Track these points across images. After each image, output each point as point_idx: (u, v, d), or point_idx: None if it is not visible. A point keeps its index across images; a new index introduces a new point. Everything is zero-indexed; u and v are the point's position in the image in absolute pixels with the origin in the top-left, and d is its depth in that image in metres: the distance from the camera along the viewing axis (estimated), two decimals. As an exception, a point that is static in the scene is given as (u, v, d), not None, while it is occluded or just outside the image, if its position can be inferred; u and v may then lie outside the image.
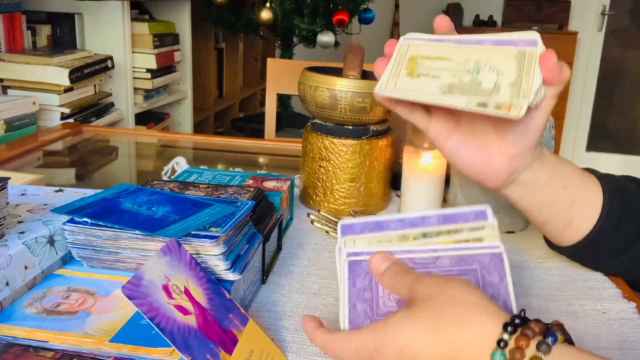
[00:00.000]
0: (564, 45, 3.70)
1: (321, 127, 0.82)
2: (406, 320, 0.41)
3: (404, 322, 0.41)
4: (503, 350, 0.37)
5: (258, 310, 0.58)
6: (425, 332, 0.40)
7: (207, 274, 0.49)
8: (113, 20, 1.87)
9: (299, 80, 0.81)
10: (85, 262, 0.55)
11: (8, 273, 0.48)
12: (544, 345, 0.36)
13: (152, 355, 0.42)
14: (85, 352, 0.43)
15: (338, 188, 0.81)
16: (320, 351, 0.48)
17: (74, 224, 0.53)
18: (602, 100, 4.08)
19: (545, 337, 0.37)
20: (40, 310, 0.47)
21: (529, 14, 3.86)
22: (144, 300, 0.41)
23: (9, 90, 1.64)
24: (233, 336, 0.45)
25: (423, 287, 0.43)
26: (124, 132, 1.58)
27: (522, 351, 0.36)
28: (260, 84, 3.39)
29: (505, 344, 0.37)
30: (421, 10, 4.07)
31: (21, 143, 1.14)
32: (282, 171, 1.04)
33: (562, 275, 0.67)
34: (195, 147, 1.34)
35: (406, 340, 0.40)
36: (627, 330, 0.57)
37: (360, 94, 0.76)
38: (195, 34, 2.42)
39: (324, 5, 2.35)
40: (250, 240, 0.58)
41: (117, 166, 1.20)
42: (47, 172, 1.07)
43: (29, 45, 1.79)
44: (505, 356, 0.37)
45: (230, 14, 2.46)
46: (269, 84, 1.56)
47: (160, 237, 0.51)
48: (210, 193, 0.63)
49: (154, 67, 2.04)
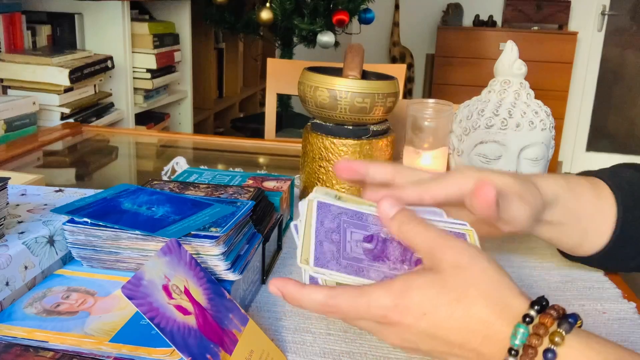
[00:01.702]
0: (564, 45, 3.71)
1: (321, 127, 0.82)
2: (434, 285, 0.40)
3: (430, 287, 0.40)
4: (528, 325, 0.38)
5: (258, 310, 0.58)
6: (453, 303, 0.39)
7: (207, 274, 0.49)
8: (113, 20, 1.87)
9: (299, 80, 0.81)
10: (85, 262, 0.55)
11: (8, 273, 0.48)
12: (566, 324, 0.37)
13: (152, 355, 0.42)
14: (85, 352, 0.43)
15: (338, 188, 0.81)
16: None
17: (74, 224, 0.53)
18: (602, 100, 4.09)
19: (568, 317, 0.38)
20: (40, 310, 0.47)
21: (528, 14, 3.86)
22: (144, 300, 0.41)
23: (9, 90, 1.64)
24: (233, 336, 0.45)
25: (453, 253, 0.42)
26: (124, 132, 1.58)
27: (545, 328, 0.38)
28: (260, 84, 3.39)
29: (531, 320, 0.38)
30: (421, 10, 4.07)
31: (21, 143, 1.14)
32: (282, 171, 1.04)
33: (562, 275, 0.67)
34: (195, 147, 1.34)
35: (430, 306, 0.40)
36: (627, 330, 0.57)
37: (360, 94, 0.76)
38: (195, 34, 2.42)
39: (324, 5, 2.35)
40: (250, 240, 0.58)
41: (117, 166, 1.20)
42: (47, 172, 1.07)
43: (29, 45, 1.79)
44: (529, 330, 0.38)
45: (230, 14, 2.46)
46: (269, 84, 1.56)
47: (160, 237, 0.51)
48: (210, 193, 0.63)
49: (154, 67, 2.04)
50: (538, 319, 0.38)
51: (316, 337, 0.54)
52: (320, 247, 0.45)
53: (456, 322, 0.39)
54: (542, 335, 0.37)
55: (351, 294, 0.41)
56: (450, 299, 0.40)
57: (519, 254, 0.73)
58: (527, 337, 0.38)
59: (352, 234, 0.47)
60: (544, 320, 0.38)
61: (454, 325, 0.39)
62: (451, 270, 0.41)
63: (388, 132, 0.84)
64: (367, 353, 0.52)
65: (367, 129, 0.80)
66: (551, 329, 0.38)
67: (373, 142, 0.80)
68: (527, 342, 0.37)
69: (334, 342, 0.53)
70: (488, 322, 0.39)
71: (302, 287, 0.42)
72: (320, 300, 0.42)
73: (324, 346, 0.52)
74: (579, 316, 0.39)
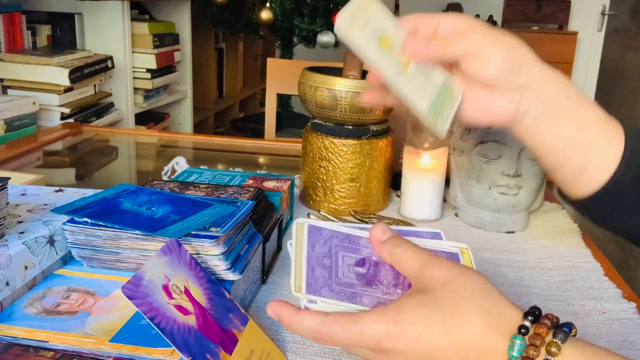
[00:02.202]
0: (564, 45, 3.71)
1: (321, 127, 0.82)
2: (425, 304, 0.40)
3: (422, 306, 0.40)
4: (523, 337, 0.38)
5: (258, 310, 0.58)
6: (447, 318, 0.39)
7: (207, 274, 0.49)
8: (113, 20, 1.87)
9: (299, 80, 0.81)
10: (85, 262, 0.55)
11: (8, 273, 0.48)
12: (562, 334, 0.37)
13: (152, 355, 0.42)
14: (85, 352, 0.43)
15: (338, 188, 0.81)
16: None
17: (74, 224, 0.53)
18: (602, 100, 4.08)
19: (562, 327, 0.38)
20: (40, 310, 0.47)
21: (528, 14, 3.86)
22: (144, 300, 0.41)
23: (9, 90, 1.64)
24: (233, 336, 0.45)
25: (442, 270, 0.42)
26: (124, 132, 1.58)
27: (541, 338, 0.37)
28: (260, 84, 3.39)
29: (526, 331, 0.38)
30: (421, 11, 4.01)
31: (21, 143, 1.14)
32: (282, 171, 1.04)
33: (562, 275, 0.67)
34: (195, 147, 1.34)
35: (424, 327, 0.39)
36: (627, 330, 0.57)
37: (360, 94, 0.76)
38: (195, 34, 2.42)
39: (324, 5, 2.35)
40: (250, 240, 0.58)
41: (117, 166, 1.20)
42: (47, 172, 1.07)
43: (29, 45, 1.79)
44: (525, 341, 0.37)
45: (230, 14, 2.46)
46: (269, 84, 1.56)
47: (160, 237, 0.51)
48: (210, 193, 0.63)
49: (154, 67, 2.04)
50: (533, 330, 0.38)
51: (316, 337, 0.54)
52: (312, 273, 0.45)
53: (452, 339, 0.39)
54: (538, 345, 0.37)
55: (345, 322, 0.40)
56: (443, 315, 0.39)
57: (519, 254, 0.73)
58: (524, 348, 0.37)
59: (344, 258, 0.47)
60: (539, 330, 0.38)
61: (449, 342, 0.39)
62: (441, 288, 0.41)
63: (388, 132, 0.84)
64: (367, 353, 0.52)
65: (367, 129, 0.80)
66: (547, 339, 0.37)
67: (373, 142, 0.80)
68: (525, 353, 0.37)
69: (334, 342, 0.53)
70: (483, 336, 0.38)
71: (297, 312, 0.42)
72: (313, 328, 0.41)
73: (324, 346, 0.52)
74: (573, 325, 0.39)
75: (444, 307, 0.39)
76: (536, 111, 0.52)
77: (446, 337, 0.39)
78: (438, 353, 0.39)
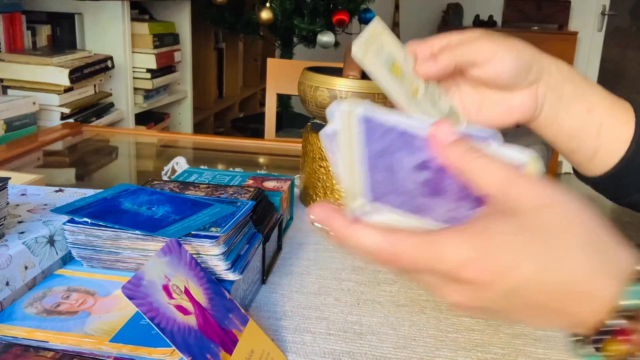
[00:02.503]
0: (564, 45, 3.71)
1: (321, 127, 0.82)
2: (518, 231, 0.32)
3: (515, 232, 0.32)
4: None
5: (258, 310, 0.58)
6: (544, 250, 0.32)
7: (207, 274, 0.49)
8: (113, 20, 1.87)
9: (299, 80, 0.81)
10: (85, 262, 0.55)
11: (8, 273, 0.48)
12: None
13: (152, 355, 0.42)
14: (85, 352, 0.43)
15: (337, 189, 0.81)
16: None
17: (74, 224, 0.53)
18: (602, 100, 4.08)
19: None
20: (40, 310, 0.47)
21: (528, 14, 3.86)
22: (144, 300, 0.41)
23: (9, 90, 1.64)
24: (233, 336, 0.45)
25: (535, 190, 0.34)
26: (124, 132, 1.58)
27: None
28: (260, 84, 3.39)
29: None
30: (421, 11, 4.07)
31: (21, 143, 1.14)
32: (282, 171, 1.04)
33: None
34: (195, 147, 1.34)
35: (515, 258, 0.32)
36: (627, 330, 0.57)
37: (360, 94, 0.76)
38: (195, 34, 2.42)
39: (324, 5, 2.35)
40: (250, 240, 0.58)
41: (117, 166, 1.20)
42: (47, 172, 1.07)
43: (29, 45, 1.79)
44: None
45: (230, 14, 2.46)
46: (269, 84, 1.56)
47: (160, 237, 0.51)
48: (210, 193, 0.63)
49: (154, 67, 2.04)
50: None
51: (316, 337, 0.54)
52: (372, 177, 0.35)
53: (548, 276, 0.32)
54: None
55: (418, 241, 0.32)
56: (542, 246, 0.32)
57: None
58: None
59: (402, 160, 0.36)
60: None
61: (546, 280, 0.32)
62: (535, 212, 0.33)
63: (388, 132, 0.84)
64: (367, 353, 0.52)
65: (367, 129, 0.80)
66: None
67: (373, 142, 0.80)
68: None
69: (334, 342, 0.53)
70: (589, 278, 0.32)
71: (353, 221, 0.33)
72: (378, 243, 0.32)
73: (324, 346, 0.52)
74: None
75: (541, 237, 0.32)
76: (550, 99, 0.53)
77: (542, 273, 0.31)
78: (528, 291, 0.32)
